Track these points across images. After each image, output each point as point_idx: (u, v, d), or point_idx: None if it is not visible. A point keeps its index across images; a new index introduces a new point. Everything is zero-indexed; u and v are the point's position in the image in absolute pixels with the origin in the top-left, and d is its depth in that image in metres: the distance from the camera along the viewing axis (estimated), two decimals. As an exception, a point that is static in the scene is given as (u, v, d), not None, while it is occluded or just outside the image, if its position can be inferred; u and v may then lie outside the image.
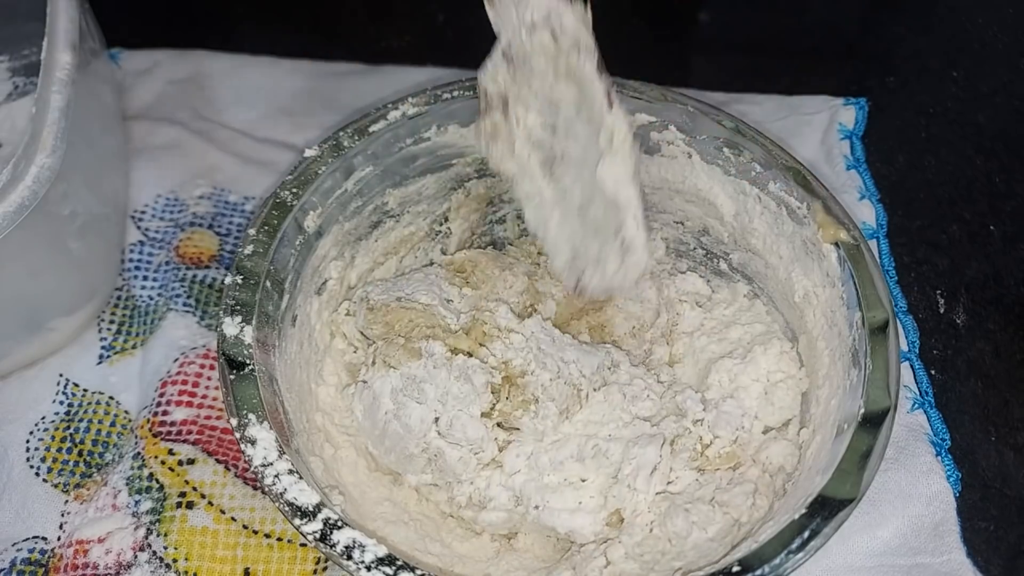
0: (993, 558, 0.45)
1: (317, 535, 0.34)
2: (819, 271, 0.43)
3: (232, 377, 0.38)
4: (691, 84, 0.62)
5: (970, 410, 0.50)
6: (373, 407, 0.43)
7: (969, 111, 0.64)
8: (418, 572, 0.33)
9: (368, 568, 0.33)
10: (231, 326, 0.39)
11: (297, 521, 0.35)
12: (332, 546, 0.34)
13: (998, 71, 0.67)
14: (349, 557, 0.34)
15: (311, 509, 0.35)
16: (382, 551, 0.34)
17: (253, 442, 0.37)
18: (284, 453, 0.36)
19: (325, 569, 0.44)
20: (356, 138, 0.45)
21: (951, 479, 0.46)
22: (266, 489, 0.36)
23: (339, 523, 0.35)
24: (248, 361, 0.39)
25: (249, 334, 0.39)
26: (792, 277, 0.46)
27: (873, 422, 0.37)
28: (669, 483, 0.43)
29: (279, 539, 0.45)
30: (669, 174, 0.49)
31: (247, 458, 0.36)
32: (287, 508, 0.35)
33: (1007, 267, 0.56)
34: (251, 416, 0.37)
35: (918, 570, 0.44)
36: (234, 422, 0.37)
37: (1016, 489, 0.47)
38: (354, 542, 0.34)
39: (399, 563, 0.34)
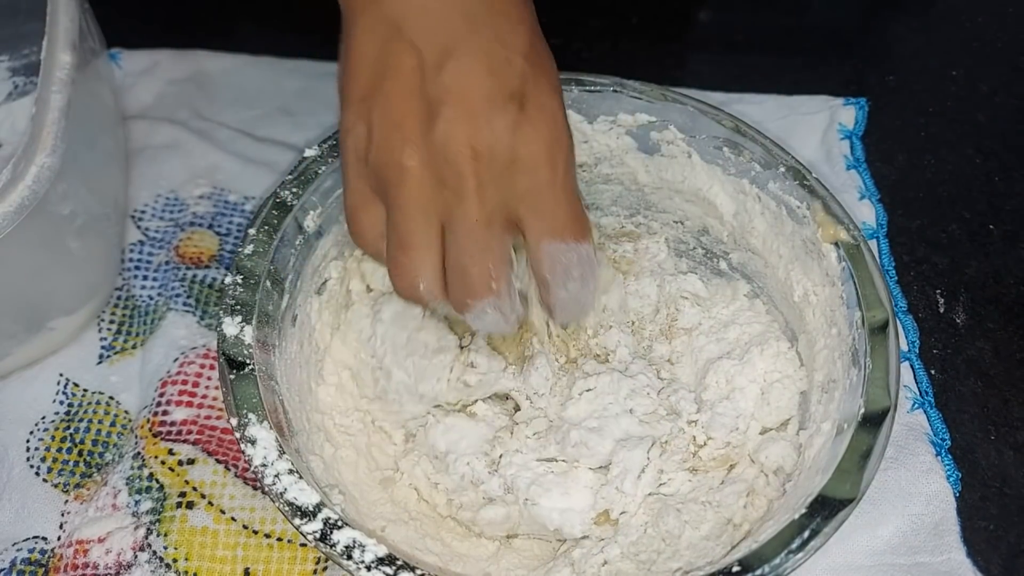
0: (993, 558, 0.45)
1: (317, 535, 0.34)
2: (819, 271, 0.44)
3: (232, 377, 0.38)
4: (691, 84, 0.62)
5: (970, 410, 0.50)
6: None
7: (969, 111, 0.64)
8: (418, 572, 0.33)
9: (368, 568, 0.33)
10: (231, 326, 0.39)
11: (297, 521, 0.35)
12: (332, 546, 0.34)
13: (998, 71, 0.67)
14: (349, 557, 0.34)
15: (311, 509, 0.35)
16: (382, 551, 0.34)
17: (253, 442, 0.37)
18: (284, 453, 0.36)
19: (325, 569, 0.44)
20: (356, 138, 0.45)
21: (951, 479, 0.46)
22: (266, 489, 0.36)
23: (339, 523, 0.35)
24: (248, 361, 0.39)
25: (249, 334, 0.39)
26: (791, 277, 0.46)
27: (873, 422, 0.37)
28: (661, 485, 0.43)
29: (279, 539, 0.45)
30: (669, 174, 0.49)
31: (247, 458, 0.36)
32: (287, 508, 0.35)
33: (1007, 267, 0.56)
34: (251, 416, 0.37)
35: (918, 569, 0.44)
36: (234, 422, 0.37)
37: (1016, 489, 0.47)
38: (354, 542, 0.34)
39: (399, 563, 0.34)
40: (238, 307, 0.40)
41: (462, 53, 0.36)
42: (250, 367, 0.38)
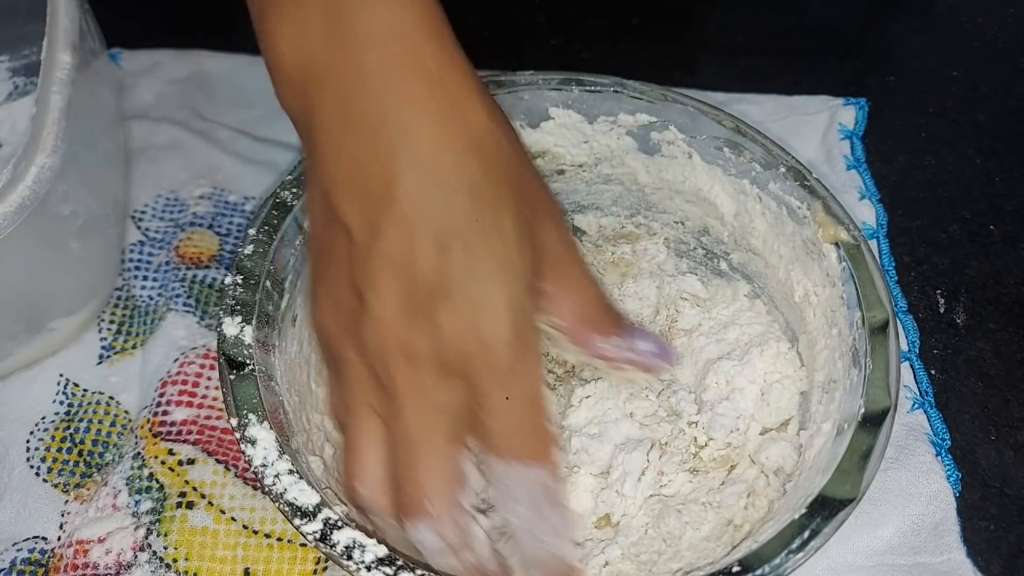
0: (993, 558, 0.45)
1: (317, 535, 0.34)
2: (819, 271, 0.44)
3: (232, 377, 0.38)
4: (691, 84, 0.62)
5: (970, 410, 0.50)
6: None
7: (969, 111, 0.64)
8: (418, 572, 0.33)
9: (368, 568, 0.33)
10: (231, 326, 0.39)
11: (297, 521, 0.35)
12: (332, 546, 0.34)
13: (998, 71, 0.67)
14: (349, 557, 0.34)
15: (311, 509, 0.35)
16: (382, 551, 0.34)
17: (253, 442, 0.37)
18: (284, 453, 0.36)
19: (325, 569, 0.44)
20: (356, 138, 0.45)
21: (951, 479, 0.46)
22: (266, 489, 0.36)
23: (339, 523, 0.35)
24: (248, 361, 0.39)
25: (249, 334, 0.39)
26: (792, 277, 0.46)
27: (873, 422, 0.37)
28: (662, 486, 0.43)
29: (279, 539, 0.45)
30: (669, 174, 0.49)
31: (247, 458, 0.36)
32: (287, 508, 0.35)
33: (1007, 267, 0.56)
34: (251, 416, 0.37)
35: (918, 569, 0.44)
36: (234, 422, 0.37)
37: (1016, 489, 0.47)
38: (354, 542, 0.34)
39: (399, 563, 0.34)
40: (238, 307, 0.40)
41: (381, 233, 0.32)
42: (250, 367, 0.38)
